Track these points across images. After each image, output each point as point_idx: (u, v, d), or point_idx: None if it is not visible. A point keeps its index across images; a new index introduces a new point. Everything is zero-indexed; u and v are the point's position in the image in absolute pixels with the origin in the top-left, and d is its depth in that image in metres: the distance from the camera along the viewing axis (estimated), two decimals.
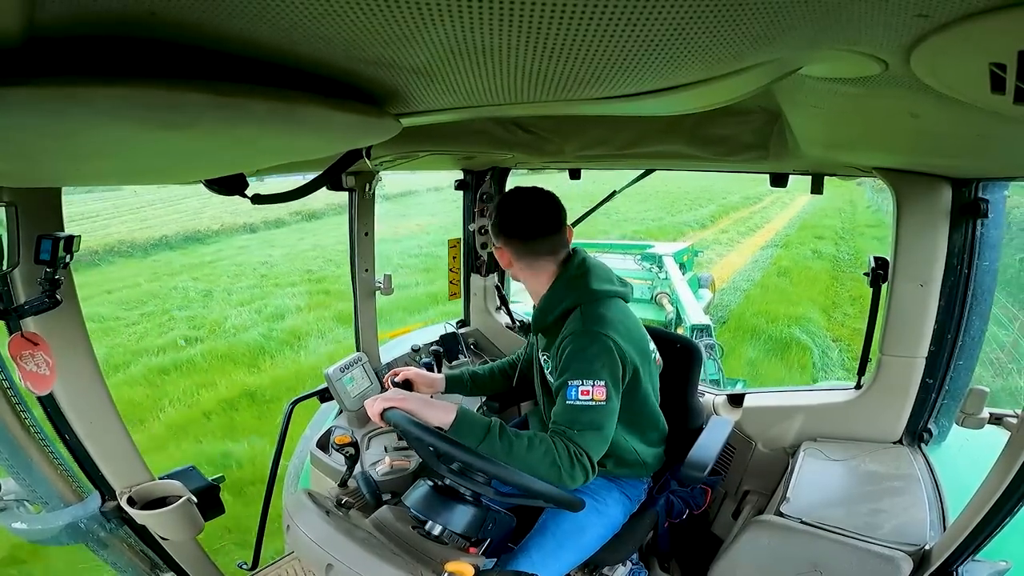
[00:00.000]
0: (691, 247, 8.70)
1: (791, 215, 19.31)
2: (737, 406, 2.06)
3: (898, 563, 1.27)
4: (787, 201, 21.80)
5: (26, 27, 0.37)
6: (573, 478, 1.28)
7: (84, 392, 1.17)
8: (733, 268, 11.66)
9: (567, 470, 1.27)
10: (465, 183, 2.48)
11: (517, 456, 1.27)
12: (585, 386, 1.33)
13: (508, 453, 1.27)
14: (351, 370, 2.06)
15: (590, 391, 1.33)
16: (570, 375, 1.35)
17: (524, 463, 1.26)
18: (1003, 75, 0.46)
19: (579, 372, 1.34)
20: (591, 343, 1.37)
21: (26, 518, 1.21)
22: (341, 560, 1.18)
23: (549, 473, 1.27)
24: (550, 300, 1.50)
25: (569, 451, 1.28)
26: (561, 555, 1.50)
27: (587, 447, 1.30)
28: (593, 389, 1.33)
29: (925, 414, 1.68)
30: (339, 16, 0.41)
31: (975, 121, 0.72)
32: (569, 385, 1.34)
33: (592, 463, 1.31)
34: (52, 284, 0.99)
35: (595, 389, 1.34)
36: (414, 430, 1.26)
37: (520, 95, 0.68)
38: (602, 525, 1.57)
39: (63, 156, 0.64)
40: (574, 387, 1.33)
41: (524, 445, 1.28)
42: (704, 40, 0.48)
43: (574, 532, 1.52)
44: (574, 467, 1.28)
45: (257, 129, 0.62)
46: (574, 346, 1.38)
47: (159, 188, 7.01)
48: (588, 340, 1.37)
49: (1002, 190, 1.47)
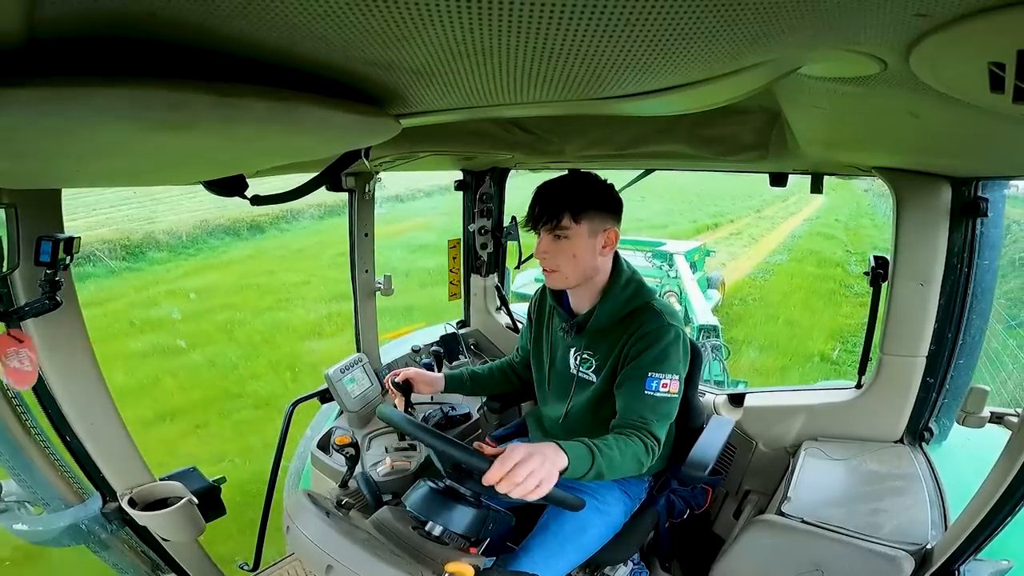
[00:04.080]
0: (703, 247, 8.70)
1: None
2: (738, 406, 2.06)
3: (900, 562, 1.27)
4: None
5: (27, 28, 0.37)
6: (647, 465, 1.35)
7: (85, 393, 1.17)
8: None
9: (646, 464, 1.34)
10: (465, 183, 2.48)
11: (615, 466, 1.27)
12: (666, 379, 1.40)
13: (609, 466, 1.25)
14: (351, 371, 2.06)
15: (668, 384, 1.40)
16: (652, 368, 1.40)
17: (620, 469, 1.29)
18: (1002, 74, 0.46)
19: (661, 367, 1.40)
20: (675, 339, 1.43)
21: (27, 520, 1.21)
22: (341, 561, 1.18)
23: (633, 470, 1.33)
24: (618, 299, 1.50)
25: (646, 445, 1.34)
26: (563, 554, 1.50)
27: (660, 436, 1.38)
28: (671, 382, 1.41)
29: (926, 413, 1.68)
30: (338, 17, 0.41)
31: (974, 120, 0.72)
32: (650, 377, 1.39)
33: (660, 448, 1.38)
34: (52, 286, 0.99)
35: (672, 382, 1.41)
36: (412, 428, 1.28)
37: (520, 95, 0.68)
38: (604, 524, 1.57)
39: (63, 156, 0.64)
40: (656, 379, 1.39)
41: (617, 453, 1.28)
42: (703, 40, 0.48)
43: (576, 531, 1.52)
44: (648, 457, 1.34)
45: (257, 129, 0.62)
46: (658, 341, 1.42)
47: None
48: (672, 335, 1.43)
49: (1002, 189, 1.47)
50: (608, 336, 1.50)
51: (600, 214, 1.45)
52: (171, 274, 11.02)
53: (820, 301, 9.97)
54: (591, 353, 1.55)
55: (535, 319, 1.76)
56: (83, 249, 1.02)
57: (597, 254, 1.47)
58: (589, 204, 1.44)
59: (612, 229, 1.47)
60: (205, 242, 13.10)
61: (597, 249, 1.47)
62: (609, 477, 1.27)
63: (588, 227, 1.44)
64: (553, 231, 1.45)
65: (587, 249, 1.45)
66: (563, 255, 1.46)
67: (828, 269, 12.16)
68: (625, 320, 1.48)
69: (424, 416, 2.08)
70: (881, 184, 1.57)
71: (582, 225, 1.43)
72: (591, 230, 1.45)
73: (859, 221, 18.14)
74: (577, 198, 1.44)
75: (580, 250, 1.45)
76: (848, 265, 12.25)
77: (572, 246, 1.45)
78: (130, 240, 11.95)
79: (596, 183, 1.49)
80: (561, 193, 1.46)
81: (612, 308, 1.49)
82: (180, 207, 14.23)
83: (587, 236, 1.44)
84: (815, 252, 13.90)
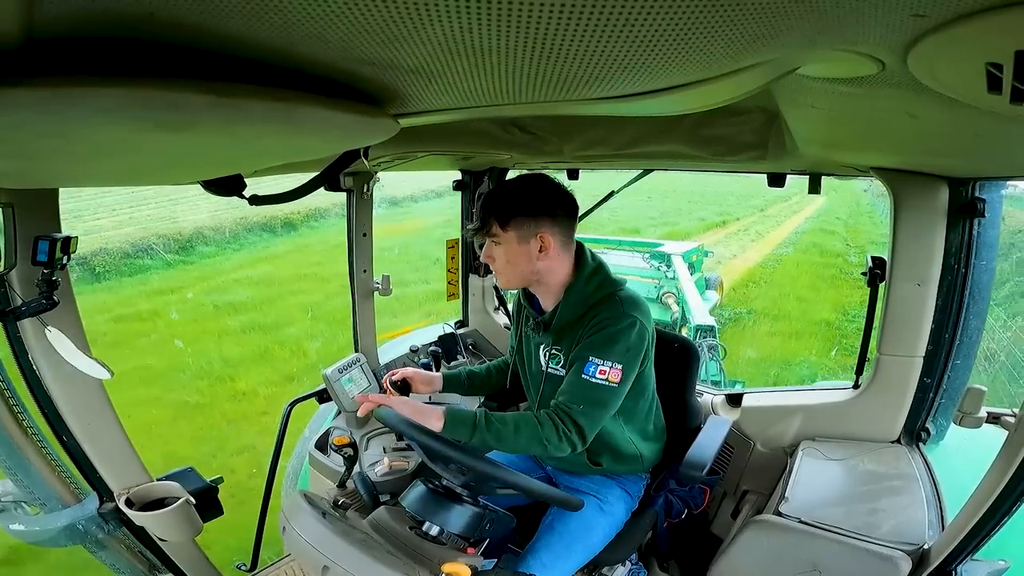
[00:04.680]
0: (700, 247, 8.70)
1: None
2: (735, 406, 2.06)
3: (897, 562, 1.27)
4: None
5: (26, 28, 0.37)
6: (560, 451, 1.35)
7: (81, 393, 1.16)
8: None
9: (555, 445, 1.34)
10: (463, 183, 2.48)
11: (506, 441, 1.34)
12: (604, 366, 1.38)
13: (498, 440, 1.33)
14: (350, 371, 2.06)
15: (607, 371, 1.37)
16: (592, 353, 1.38)
17: (514, 446, 1.35)
18: (1000, 75, 0.46)
19: (603, 352, 1.38)
20: (628, 327, 1.41)
21: (24, 520, 1.21)
22: (337, 562, 1.17)
23: (535, 450, 1.37)
24: (582, 294, 1.47)
25: (559, 430, 1.34)
26: (569, 556, 1.49)
27: (585, 424, 1.36)
28: (611, 370, 1.38)
29: (923, 413, 1.69)
30: (336, 16, 0.41)
31: (972, 121, 0.72)
32: (589, 361, 1.38)
33: (584, 439, 1.37)
34: (49, 285, 0.99)
35: (612, 371, 1.38)
36: (407, 428, 1.28)
37: (518, 95, 0.68)
38: (608, 524, 1.57)
39: (61, 156, 0.64)
40: (593, 364, 1.37)
41: (511, 430, 1.34)
42: (702, 40, 0.48)
43: (582, 532, 1.52)
44: (561, 442, 1.35)
45: (255, 129, 0.62)
46: (608, 328, 1.40)
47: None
48: (625, 324, 1.41)
49: (999, 189, 1.47)
50: (572, 330, 1.49)
51: (529, 220, 1.42)
52: (225, 265, 11.57)
53: (824, 283, 11.37)
54: (559, 349, 1.54)
55: (515, 317, 1.76)
56: (140, 243, 1.03)
57: (534, 259, 1.45)
58: (515, 211, 1.42)
59: (545, 233, 1.43)
60: (245, 238, 13.67)
61: (532, 254, 1.44)
62: (501, 449, 1.36)
63: (516, 234, 1.43)
64: (487, 237, 1.46)
65: (520, 255, 1.44)
66: (499, 261, 1.47)
67: (830, 259, 13.18)
68: (589, 312, 1.47)
69: None
70: (880, 184, 1.57)
71: (509, 232, 1.43)
72: (520, 236, 1.43)
73: (858, 219, 18.52)
74: (503, 206, 1.43)
75: (512, 256, 1.45)
76: (848, 256, 13.21)
77: (505, 252, 1.45)
78: (180, 235, 12.60)
79: (529, 188, 1.46)
80: (492, 201, 1.46)
81: (575, 303, 1.48)
82: (198, 207, 14.51)
83: (516, 242, 1.43)
84: (818, 245, 14.79)
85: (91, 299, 8.74)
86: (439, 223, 12.25)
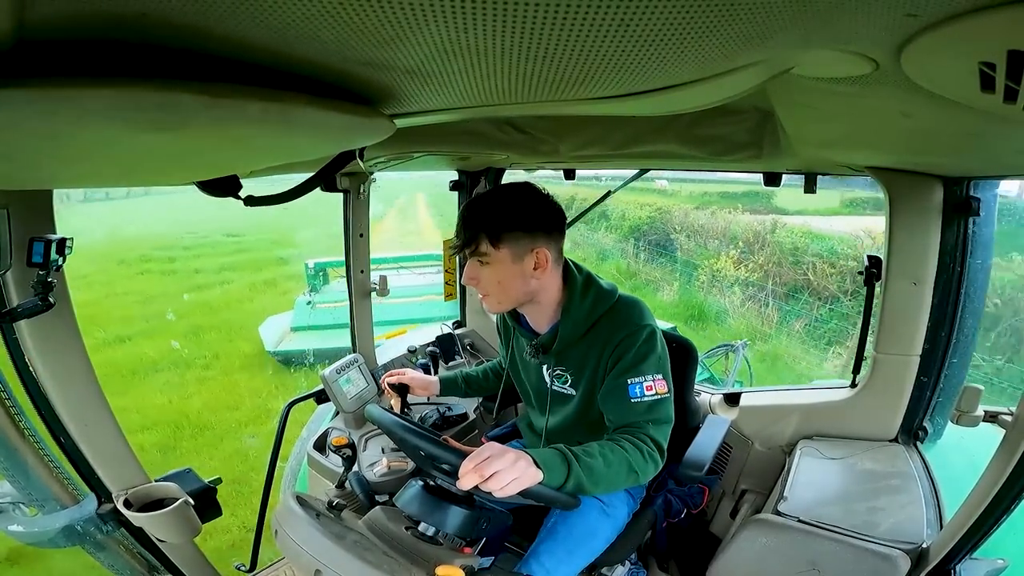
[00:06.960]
0: None
1: None
2: (733, 405, 2.06)
3: (895, 561, 1.27)
4: None
5: (16, 29, 0.37)
6: (648, 475, 1.27)
7: (78, 394, 1.16)
8: None
9: (643, 472, 1.26)
10: (460, 184, 2.48)
11: (602, 479, 1.19)
12: (647, 382, 1.34)
13: (593, 481, 1.18)
14: (348, 371, 2.06)
15: (652, 385, 1.34)
16: (629, 376, 1.34)
17: (609, 484, 1.21)
18: (992, 74, 0.46)
19: (638, 372, 1.34)
20: (649, 337, 1.37)
21: (22, 521, 1.20)
22: (329, 565, 1.15)
23: (629, 482, 1.24)
24: (580, 311, 1.40)
25: (643, 452, 1.26)
26: (571, 560, 1.47)
27: (659, 440, 1.31)
28: (655, 383, 1.34)
29: (920, 412, 1.69)
30: (331, 17, 0.41)
31: (966, 120, 0.73)
32: (631, 384, 1.33)
33: (663, 454, 1.31)
34: (45, 287, 0.98)
35: (656, 383, 1.34)
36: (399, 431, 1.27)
37: (514, 95, 0.69)
38: (611, 527, 1.55)
39: (54, 157, 0.64)
40: (635, 386, 1.33)
41: (602, 465, 1.20)
42: (696, 41, 0.48)
43: (585, 535, 1.50)
44: (647, 465, 1.26)
45: (250, 130, 0.61)
46: (632, 348, 1.35)
47: None
48: (645, 335, 1.37)
49: (994, 188, 1.48)
50: (577, 347, 1.43)
51: (524, 235, 1.32)
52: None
53: None
54: (563, 369, 1.49)
55: (503, 334, 1.71)
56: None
57: (528, 277, 1.35)
58: (508, 226, 1.31)
59: (541, 249, 1.33)
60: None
61: (527, 272, 1.34)
62: (597, 491, 1.20)
63: (510, 251, 1.32)
64: (474, 256, 1.35)
65: (513, 274, 1.34)
66: (488, 281, 1.36)
67: None
68: (593, 329, 1.41)
69: (421, 416, 2.08)
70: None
71: (502, 250, 1.32)
72: (514, 254, 1.32)
73: None
74: (495, 221, 1.32)
75: (504, 276, 1.34)
76: None
77: (495, 272, 1.34)
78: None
79: (520, 199, 1.35)
80: (479, 215, 1.33)
81: (575, 323, 1.41)
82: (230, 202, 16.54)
83: (510, 261, 1.33)
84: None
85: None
86: None
